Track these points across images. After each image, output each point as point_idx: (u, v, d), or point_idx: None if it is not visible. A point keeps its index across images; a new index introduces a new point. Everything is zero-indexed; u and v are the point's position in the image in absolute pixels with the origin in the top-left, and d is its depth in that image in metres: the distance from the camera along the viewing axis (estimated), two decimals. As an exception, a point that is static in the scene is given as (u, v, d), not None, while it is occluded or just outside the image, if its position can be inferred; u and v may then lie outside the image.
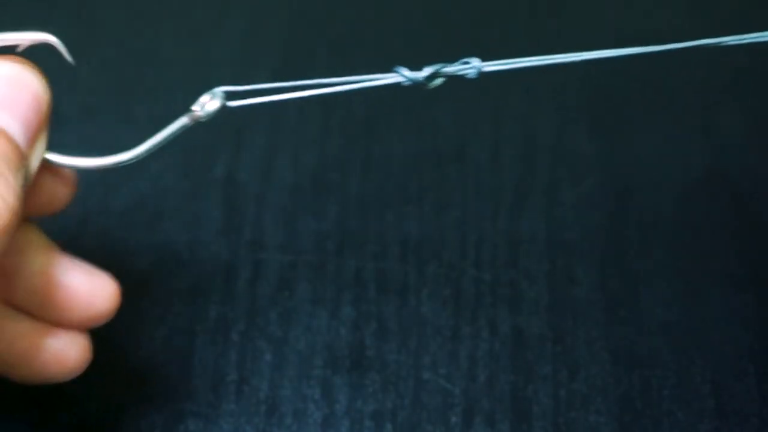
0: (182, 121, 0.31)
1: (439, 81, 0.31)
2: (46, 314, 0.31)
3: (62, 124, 0.45)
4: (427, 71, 0.31)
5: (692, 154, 0.46)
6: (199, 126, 0.46)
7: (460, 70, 0.31)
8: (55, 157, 0.30)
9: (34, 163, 0.29)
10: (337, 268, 0.41)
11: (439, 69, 0.31)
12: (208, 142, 0.45)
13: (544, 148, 0.45)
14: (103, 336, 0.34)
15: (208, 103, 0.30)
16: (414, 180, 0.44)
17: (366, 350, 0.39)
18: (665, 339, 0.40)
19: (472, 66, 0.31)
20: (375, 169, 0.44)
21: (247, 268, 0.41)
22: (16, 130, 0.27)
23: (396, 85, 0.31)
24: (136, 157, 0.31)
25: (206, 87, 0.47)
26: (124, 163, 0.31)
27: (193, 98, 0.46)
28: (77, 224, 0.42)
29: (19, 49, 0.28)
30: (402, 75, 0.31)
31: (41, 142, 0.29)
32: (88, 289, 0.31)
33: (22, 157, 0.27)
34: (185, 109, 0.46)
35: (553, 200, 0.44)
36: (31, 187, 0.29)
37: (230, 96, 0.31)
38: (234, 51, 0.48)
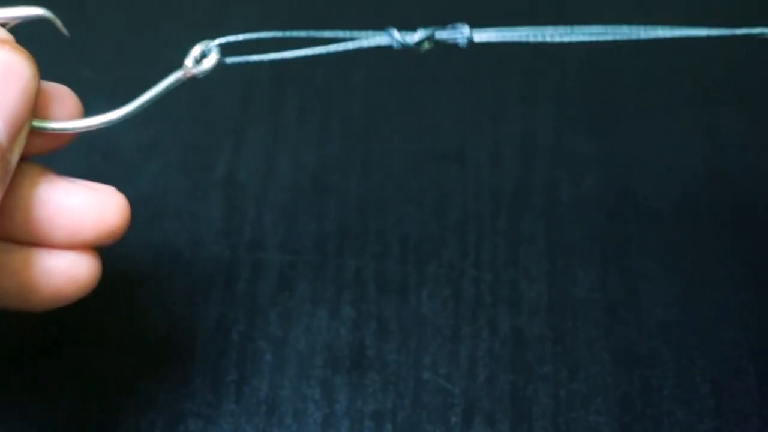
0: (175, 76, 0.29)
1: (428, 45, 0.30)
2: (52, 240, 0.30)
3: (62, 124, 0.45)
4: (420, 34, 0.30)
5: (692, 153, 0.46)
6: (199, 126, 0.46)
7: (452, 35, 0.30)
8: (40, 123, 0.29)
9: (16, 154, 0.28)
10: (337, 268, 0.41)
11: (432, 33, 0.30)
12: (208, 142, 0.45)
13: (544, 148, 0.45)
14: (103, 336, 0.34)
15: (204, 60, 0.29)
16: (414, 180, 0.44)
17: (366, 350, 0.39)
18: (665, 339, 0.40)
19: (463, 34, 0.30)
20: (375, 169, 0.44)
21: (247, 268, 0.41)
22: (1, 130, 0.26)
23: (388, 48, 0.30)
24: (127, 114, 0.30)
25: (206, 87, 0.47)
26: (115, 122, 0.30)
27: (192, 98, 0.47)
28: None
29: (9, 26, 0.27)
30: (392, 37, 0.30)
31: (26, 130, 0.28)
32: (93, 208, 0.30)
33: (3, 159, 0.26)
34: (184, 109, 0.46)
35: (553, 200, 0.44)
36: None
37: (225, 50, 0.29)
38: (234, 51, 0.48)
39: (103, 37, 0.49)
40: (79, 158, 0.44)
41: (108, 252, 0.33)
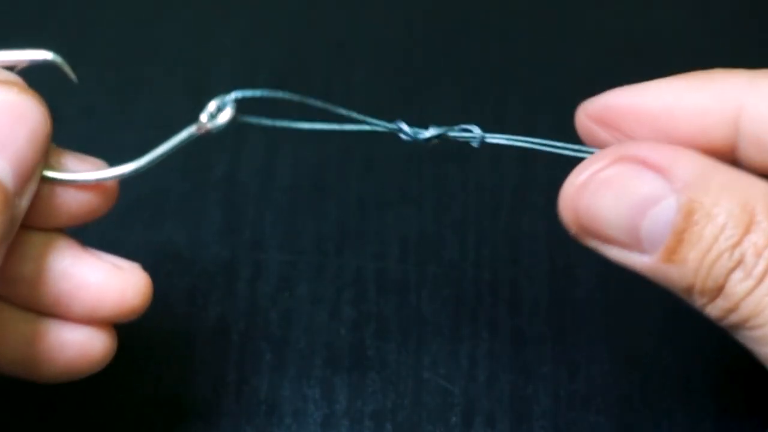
0: (189, 131, 0.29)
1: (437, 141, 0.31)
2: (70, 314, 0.30)
3: (62, 124, 0.45)
4: (431, 132, 0.31)
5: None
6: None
7: (463, 136, 0.31)
8: (53, 174, 0.29)
9: (26, 199, 0.27)
10: (337, 268, 0.41)
11: (443, 133, 0.31)
12: (208, 142, 0.45)
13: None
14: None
15: (219, 115, 0.29)
16: (414, 180, 0.44)
17: (366, 350, 0.39)
18: (665, 339, 0.40)
19: (474, 135, 0.31)
20: (375, 169, 0.44)
21: (247, 268, 0.41)
22: (7, 173, 0.26)
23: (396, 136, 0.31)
24: (139, 168, 0.30)
25: (206, 87, 0.47)
26: (127, 176, 0.30)
27: (193, 98, 0.47)
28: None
29: (17, 69, 0.27)
30: (403, 131, 0.31)
31: (36, 176, 0.27)
32: (116, 286, 0.30)
33: (8, 203, 0.26)
34: (185, 109, 0.46)
35: (553, 200, 0.43)
36: (54, 202, 0.29)
37: (240, 105, 0.29)
38: (234, 51, 0.48)
39: (103, 37, 0.49)
40: (79, 158, 0.44)
41: (108, 251, 0.33)
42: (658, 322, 0.40)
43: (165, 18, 0.50)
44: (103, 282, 0.29)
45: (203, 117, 0.29)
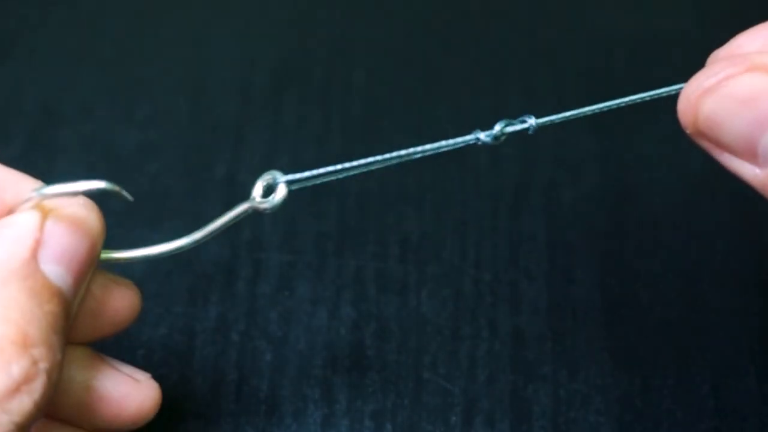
0: (242, 207, 0.29)
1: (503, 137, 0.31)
2: (91, 423, 0.31)
3: (62, 124, 0.45)
4: (497, 129, 0.30)
5: (693, 153, 0.45)
6: (199, 126, 0.46)
7: (523, 128, 0.31)
8: (108, 254, 0.29)
9: (77, 305, 0.29)
10: (337, 268, 0.41)
11: (504, 128, 0.30)
12: (208, 142, 0.45)
13: (544, 148, 0.45)
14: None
15: (276, 194, 0.29)
16: (414, 180, 0.44)
17: (366, 350, 0.39)
18: (665, 339, 0.40)
19: (531, 124, 0.30)
20: (375, 169, 0.44)
21: (247, 268, 0.41)
22: (70, 284, 0.27)
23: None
24: (195, 242, 0.30)
25: (206, 87, 0.47)
26: (181, 250, 0.30)
27: (193, 98, 0.47)
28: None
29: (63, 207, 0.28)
30: (483, 141, 0.30)
31: (87, 281, 0.29)
32: (132, 397, 0.31)
33: (69, 316, 0.27)
34: (185, 109, 0.46)
35: (553, 200, 0.44)
36: (91, 316, 0.30)
37: (290, 180, 0.29)
38: (234, 51, 0.48)
39: (103, 37, 0.49)
40: (80, 158, 0.44)
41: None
42: (658, 322, 0.40)
43: (165, 18, 0.50)
44: (124, 396, 0.31)
45: (256, 193, 0.29)
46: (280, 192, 0.29)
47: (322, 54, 0.48)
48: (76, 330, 0.30)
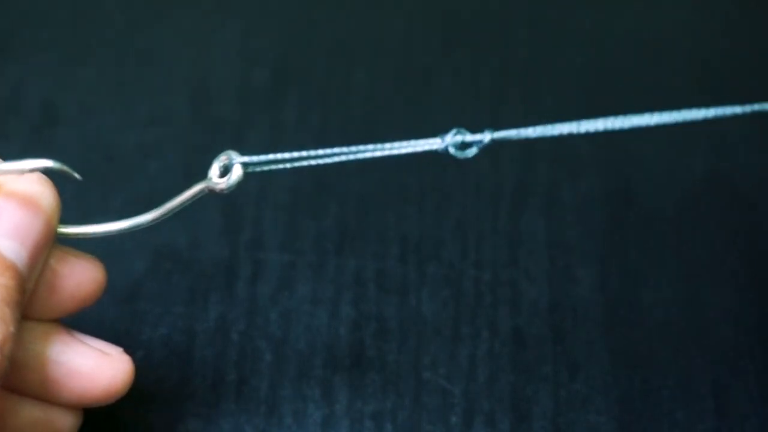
0: (198, 187, 0.30)
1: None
2: (62, 398, 0.31)
3: (62, 124, 0.45)
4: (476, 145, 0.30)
5: (693, 153, 0.45)
6: (199, 126, 0.46)
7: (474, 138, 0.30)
8: (64, 229, 0.30)
9: (33, 281, 0.29)
10: (337, 268, 0.41)
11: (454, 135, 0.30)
12: (208, 142, 0.45)
13: (544, 148, 0.45)
14: (103, 336, 0.34)
15: (232, 173, 0.29)
16: (414, 180, 0.44)
17: (366, 350, 0.39)
18: (665, 339, 0.40)
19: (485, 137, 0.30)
20: (375, 169, 0.44)
21: (247, 268, 0.41)
22: (24, 258, 0.28)
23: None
24: (148, 222, 0.30)
25: (206, 87, 0.47)
26: (135, 228, 0.31)
27: (193, 98, 0.47)
28: (77, 224, 0.42)
29: (15, 184, 0.28)
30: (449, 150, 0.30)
31: (43, 258, 0.29)
32: (102, 371, 0.31)
33: (24, 290, 0.27)
34: (185, 109, 0.46)
35: (553, 200, 0.44)
36: (50, 291, 0.30)
37: (245, 162, 0.29)
38: (234, 51, 0.48)
39: (103, 37, 0.49)
40: (80, 158, 0.44)
41: (108, 251, 0.33)
42: (658, 322, 0.40)
43: (165, 18, 0.50)
44: (93, 370, 0.31)
45: (213, 172, 0.29)
46: (236, 173, 0.29)
47: (322, 54, 0.48)
48: (36, 305, 0.30)
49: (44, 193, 0.28)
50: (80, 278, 0.31)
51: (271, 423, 0.37)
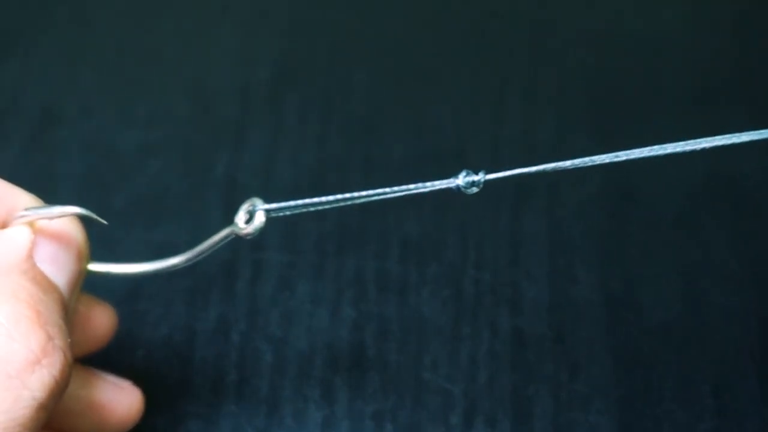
0: (225, 232, 0.31)
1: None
2: (80, 430, 0.33)
3: (62, 124, 0.45)
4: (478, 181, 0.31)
5: (693, 154, 0.45)
6: (199, 126, 0.46)
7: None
8: (94, 266, 0.31)
9: (72, 307, 0.30)
10: (337, 268, 0.41)
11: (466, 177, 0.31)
12: (208, 142, 0.45)
13: (544, 148, 0.45)
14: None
15: (255, 219, 0.30)
16: (414, 180, 0.44)
17: (366, 350, 0.39)
18: (665, 339, 0.40)
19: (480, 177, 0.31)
20: (375, 169, 0.44)
21: (247, 268, 0.41)
22: (64, 284, 0.29)
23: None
24: (177, 265, 0.32)
25: (206, 87, 0.47)
26: (165, 270, 0.32)
27: (193, 98, 0.47)
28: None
29: (49, 221, 0.30)
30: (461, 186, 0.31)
31: (80, 285, 0.30)
32: (119, 403, 0.33)
33: (67, 309, 0.29)
34: (184, 109, 0.46)
35: (553, 200, 0.44)
36: (76, 331, 0.31)
37: (267, 209, 0.31)
38: (234, 51, 0.48)
39: (103, 37, 0.49)
40: (80, 158, 0.44)
41: (108, 251, 0.34)
42: (658, 322, 0.40)
43: (165, 18, 0.50)
44: (110, 402, 0.33)
45: (239, 219, 0.30)
46: (258, 219, 0.30)
47: (322, 54, 0.48)
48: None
49: (74, 229, 0.30)
50: (98, 321, 0.33)
51: (271, 423, 0.37)
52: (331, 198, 0.31)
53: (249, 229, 0.30)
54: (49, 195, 0.30)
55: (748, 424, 0.38)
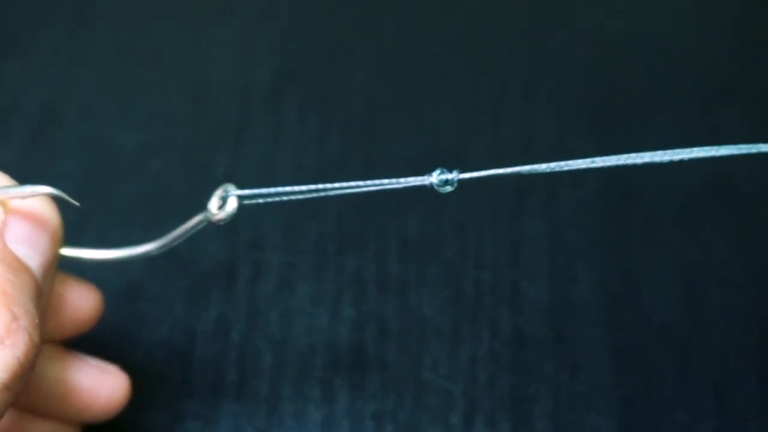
0: (198, 218, 0.30)
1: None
2: (65, 414, 0.32)
3: (62, 124, 0.45)
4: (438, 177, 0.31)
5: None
6: (199, 126, 0.46)
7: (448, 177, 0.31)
8: (67, 252, 0.31)
9: (48, 289, 0.30)
10: (337, 268, 0.41)
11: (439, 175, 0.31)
12: (208, 142, 0.45)
13: (544, 148, 0.45)
14: (103, 336, 0.34)
15: (227, 205, 0.30)
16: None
17: (366, 350, 0.39)
18: (665, 339, 0.40)
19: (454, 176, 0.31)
20: (375, 169, 0.44)
21: (247, 268, 0.41)
22: (37, 266, 0.29)
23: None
24: (150, 252, 0.31)
25: (206, 87, 0.47)
26: (138, 257, 0.32)
27: (193, 98, 0.47)
28: (77, 224, 0.42)
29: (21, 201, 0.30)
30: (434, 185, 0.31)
31: (52, 274, 0.30)
32: (102, 387, 0.33)
33: (40, 294, 0.28)
34: (184, 109, 0.46)
35: (553, 200, 0.44)
36: (53, 313, 0.31)
37: (240, 195, 0.30)
38: (234, 51, 0.48)
39: (103, 37, 0.49)
40: (80, 158, 0.44)
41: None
42: (658, 322, 0.40)
43: (165, 18, 0.50)
44: (94, 385, 0.32)
45: (211, 205, 0.30)
46: (231, 205, 0.30)
47: (322, 54, 0.48)
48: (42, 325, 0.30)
49: (48, 210, 0.29)
50: (79, 302, 0.32)
51: (271, 423, 0.37)
52: (304, 188, 0.31)
53: (221, 214, 0.30)
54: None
55: (748, 424, 0.38)
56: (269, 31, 0.49)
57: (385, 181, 0.30)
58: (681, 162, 0.46)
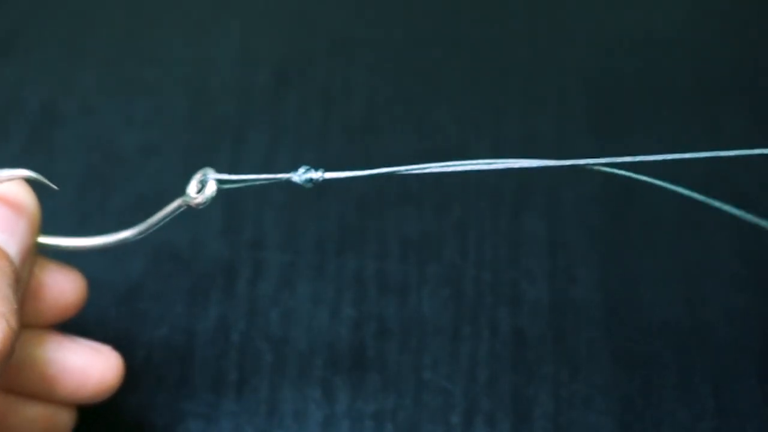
0: (177, 203, 0.30)
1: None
2: (56, 396, 0.32)
3: (62, 124, 0.45)
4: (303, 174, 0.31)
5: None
6: (199, 126, 0.46)
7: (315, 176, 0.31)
8: (43, 239, 0.30)
9: (26, 274, 0.30)
10: (337, 268, 0.41)
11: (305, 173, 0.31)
12: (208, 142, 0.45)
13: (545, 148, 0.45)
14: (103, 337, 0.34)
15: (206, 189, 0.30)
16: (414, 179, 0.44)
17: (366, 350, 0.39)
18: (665, 339, 0.40)
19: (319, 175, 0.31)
20: (375, 169, 0.44)
21: (247, 268, 0.41)
22: (15, 251, 0.29)
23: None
24: (128, 238, 0.31)
25: (206, 87, 0.47)
26: (113, 245, 0.31)
27: (193, 98, 0.47)
28: (77, 224, 0.42)
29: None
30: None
31: (30, 260, 0.30)
32: (94, 367, 0.32)
33: (18, 279, 0.28)
34: (184, 109, 0.46)
35: (553, 200, 0.44)
36: (36, 299, 0.31)
37: (219, 179, 0.30)
38: (234, 51, 0.48)
39: (103, 37, 0.49)
40: (80, 158, 0.44)
41: (108, 251, 0.33)
42: (658, 322, 0.40)
43: (165, 18, 0.50)
44: (85, 365, 0.32)
45: (190, 189, 0.30)
46: (210, 188, 0.30)
47: (322, 54, 0.48)
48: (23, 310, 0.30)
49: (26, 195, 0.29)
50: (62, 287, 0.32)
51: (271, 423, 0.37)
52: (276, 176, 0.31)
53: (200, 198, 0.30)
54: (49, 194, 0.30)
55: (748, 424, 0.38)
56: (269, 31, 0.49)
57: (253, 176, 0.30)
58: (681, 161, 0.46)
